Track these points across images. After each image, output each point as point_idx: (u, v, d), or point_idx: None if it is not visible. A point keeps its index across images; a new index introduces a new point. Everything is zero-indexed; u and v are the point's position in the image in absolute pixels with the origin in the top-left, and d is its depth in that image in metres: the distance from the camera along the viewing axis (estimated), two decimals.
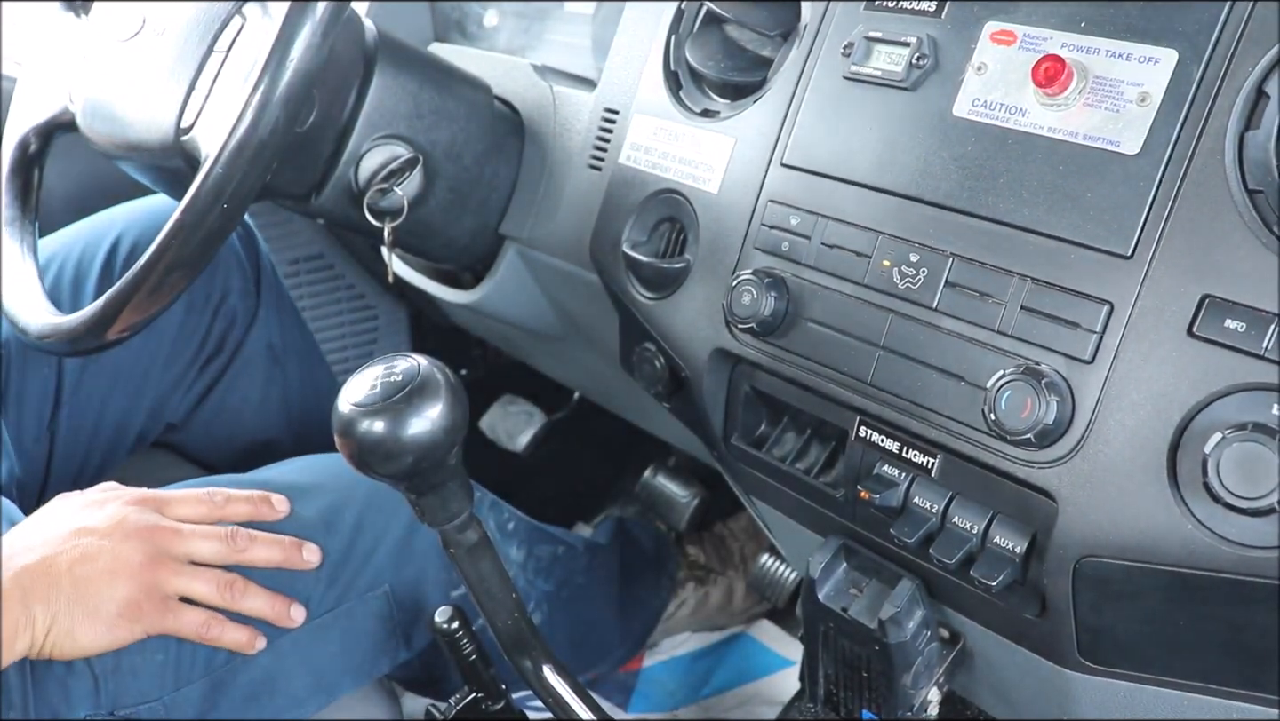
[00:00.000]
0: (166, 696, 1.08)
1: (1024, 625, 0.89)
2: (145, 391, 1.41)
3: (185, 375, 1.45)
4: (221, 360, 1.46)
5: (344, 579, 1.16)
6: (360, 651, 1.18)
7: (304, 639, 1.13)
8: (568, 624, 1.48)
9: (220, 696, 1.10)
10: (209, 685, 1.10)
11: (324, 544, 1.14)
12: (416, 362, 0.76)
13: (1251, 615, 0.76)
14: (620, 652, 1.66)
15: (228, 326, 1.46)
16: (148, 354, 1.41)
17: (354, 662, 1.18)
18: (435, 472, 0.75)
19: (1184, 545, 0.76)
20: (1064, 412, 0.80)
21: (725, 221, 1.03)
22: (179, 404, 1.46)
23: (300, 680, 1.14)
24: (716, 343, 1.02)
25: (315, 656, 1.14)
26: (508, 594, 0.84)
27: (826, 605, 0.97)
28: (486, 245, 1.32)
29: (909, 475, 0.90)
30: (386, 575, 1.18)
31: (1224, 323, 0.75)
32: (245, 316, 1.47)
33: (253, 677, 1.11)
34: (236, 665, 1.10)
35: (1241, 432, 0.73)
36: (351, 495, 1.19)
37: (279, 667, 1.12)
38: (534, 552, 1.42)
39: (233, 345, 1.46)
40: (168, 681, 1.08)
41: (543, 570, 1.43)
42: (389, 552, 1.18)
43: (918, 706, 0.99)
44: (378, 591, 1.18)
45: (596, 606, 1.55)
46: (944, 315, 0.87)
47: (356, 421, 0.73)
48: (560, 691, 0.87)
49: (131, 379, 1.40)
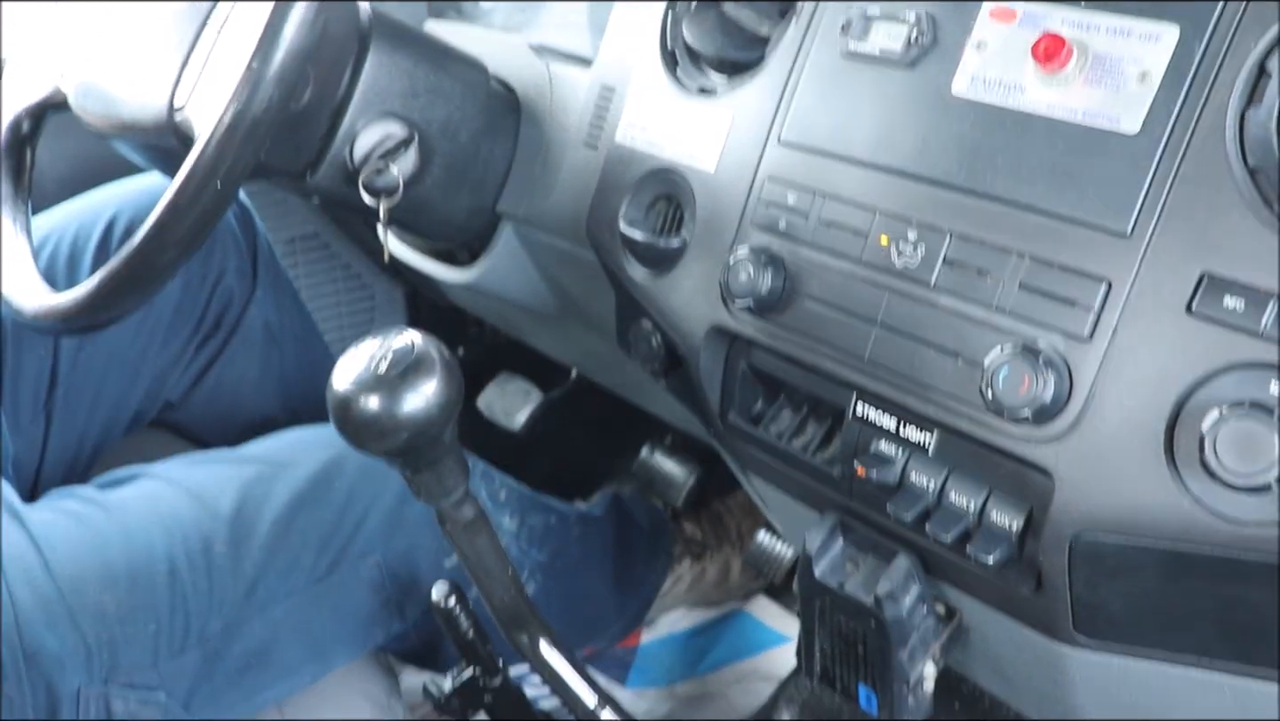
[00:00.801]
0: (161, 665, 1.09)
1: (1020, 601, 0.89)
2: (142, 370, 1.41)
3: (182, 354, 1.45)
4: (219, 339, 1.46)
5: (335, 548, 1.17)
6: (353, 621, 1.19)
7: (296, 608, 1.15)
8: (562, 594, 1.48)
9: (214, 665, 1.11)
10: (202, 655, 1.11)
11: (314, 514, 1.16)
12: (411, 338, 0.76)
13: (1247, 591, 0.77)
14: (618, 627, 1.66)
15: (224, 305, 1.46)
16: (145, 333, 1.41)
17: (347, 631, 1.18)
18: (430, 449, 0.75)
19: (1180, 522, 0.76)
20: (1061, 390, 0.80)
21: (722, 199, 1.03)
22: (176, 382, 1.46)
23: (294, 649, 1.15)
24: (713, 320, 1.02)
25: (308, 625, 1.16)
26: (504, 569, 0.84)
27: (823, 581, 0.97)
28: (483, 223, 1.32)
29: (906, 452, 0.90)
30: (378, 544, 1.19)
31: (1223, 300, 0.75)
32: (242, 295, 1.47)
33: (246, 647, 1.12)
34: (231, 635, 1.11)
35: (1239, 410, 0.73)
36: (342, 466, 1.20)
37: (272, 637, 1.14)
38: (527, 522, 1.43)
39: (230, 324, 1.47)
40: (161, 650, 1.09)
41: (536, 540, 1.44)
42: (380, 522, 1.19)
43: (913, 681, 0.99)
44: (369, 561, 1.19)
45: (592, 579, 1.55)
46: (942, 292, 0.87)
47: (351, 398, 0.73)
48: (557, 666, 0.88)
49: (128, 358, 1.40)
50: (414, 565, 1.22)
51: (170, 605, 1.10)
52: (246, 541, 1.13)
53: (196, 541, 1.13)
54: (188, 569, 1.11)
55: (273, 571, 1.14)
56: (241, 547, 1.13)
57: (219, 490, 1.17)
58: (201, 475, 1.20)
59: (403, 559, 1.21)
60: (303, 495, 1.17)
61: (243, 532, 1.14)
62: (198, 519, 1.14)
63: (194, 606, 1.11)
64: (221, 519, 1.14)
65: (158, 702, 1.09)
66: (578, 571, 1.52)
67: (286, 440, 1.25)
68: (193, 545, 1.13)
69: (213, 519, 1.14)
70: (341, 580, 1.17)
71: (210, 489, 1.17)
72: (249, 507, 1.16)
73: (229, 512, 1.15)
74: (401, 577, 1.21)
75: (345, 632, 1.19)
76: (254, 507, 1.16)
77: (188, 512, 1.14)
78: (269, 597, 1.13)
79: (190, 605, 1.11)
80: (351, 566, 1.18)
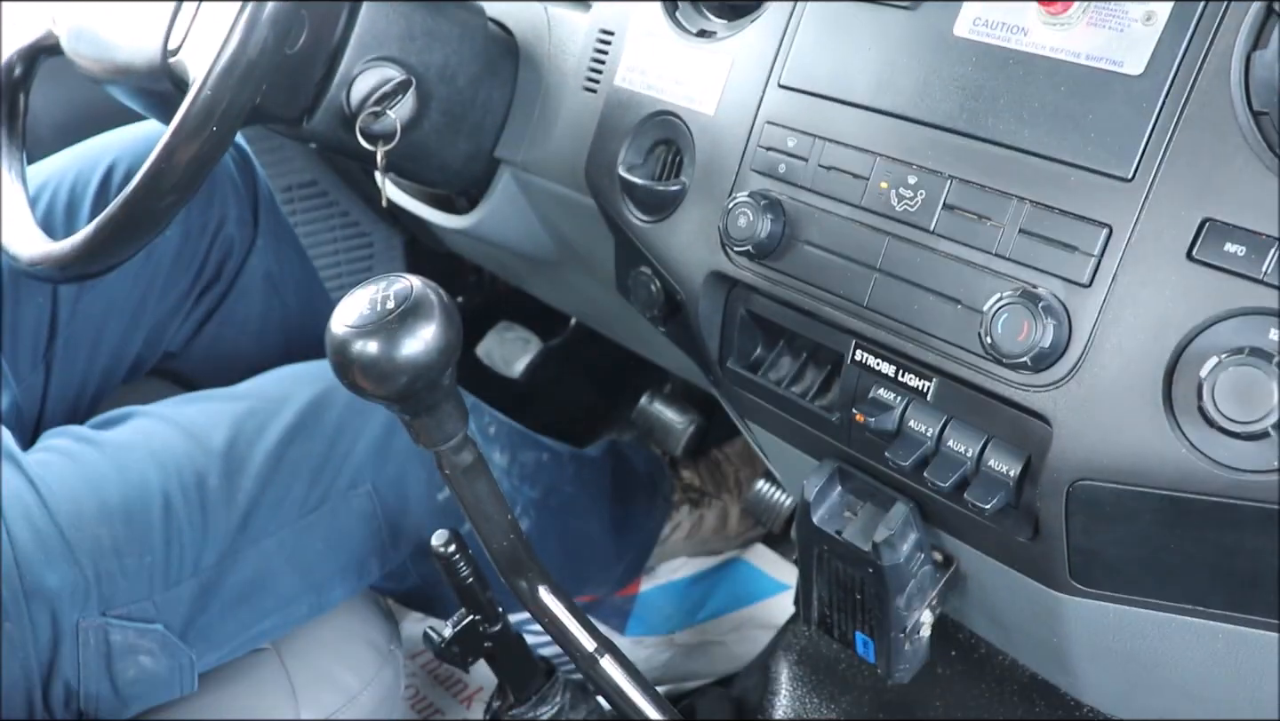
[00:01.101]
0: (157, 596, 1.11)
1: (1016, 548, 0.90)
2: (142, 320, 1.41)
3: (182, 303, 1.45)
4: (219, 288, 1.46)
5: (325, 479, 1.19)
6: (346, 550, 1.20)
7: (289, 539, 1.16)
8: (557, 533, 1.50)
9: (210, 597, 1.13)
10: (198, 586, 1.13)
11: (305, 447, 1.18)
12: (409, 283, 0.75)
13: (1242, 538, 0.77)
14: (618, 572, 1.67)
15: (225, 254, 1.46)
16: (144, 282, 1.41)
17: (341, 562, 1.20)
18: (429, 394, 0.75)
19: (1178, 469, 0.76)
20: (1060, 336, 0.80)
21: (721, 143, 1.02)
22: (176, 332, 1.46)
23: (288, 579, 1.17)
24: (712, 265, 1.02)
25: (301, 554, 1.17)
26: (503, 515, 0.84)
27: (821, 528, 0.97)
28: (481, 169, 1.31)
29: (905, 398, 0.90)
30: (368, 473, 1.21)
31: (1224, 246, 0.74)
32: (243, 244, 1.47)
33: (242, 577, 1.14)
34: (225, 566, 1.13)
35: (1238, 356, 0.72)
36: (331, 399, 1.22)
37: (267, 567, 1.16)
38: (518, 458, 1.44)
39: (230, 273, 1.47)
40: (157, 582, 1.11)
41: (528, 476, 1.45)
42: (368, 451, 1.21)
43: (910, 628, 1.00)
44: (360, 490, 1.20)
45: (588, 520, 1.56)
46: (941, 238, 0.87)
47: (350, 342, 0.73)
48: (556, 612, 0.88)
49: (127, 307, 1.40)
50: (404, 494, 1.23)
51: (165, 538, 1.11)
52: (239, 475, 1.15)
53: (190, 475, 1.14)
54: (182, 502, 1.13)
55: (265, 504, 1.16)
56: (234, 481, 1.15)
57: (211, 426, 1.18)
58: (194, 412, 1.21)
59: (393, 488, 1.22)
60: (293, 428, 1.18)
61: (235, 466, 1.16)
62: (191, 454, 1.15)
63: (188, 539, 1.12)
64: (214, 453, 1.16)
65: (155, 633, 1.11)
66: (573, 511, 1.52)
67: (277, 376, 1.26)
68: (186, 479, 1.14)
69: (205, 454, 1.16)
70: (333, 510, 1.19)
71: (203, 425, 1.18)
72: (241, 442, 1.17)
73: (221, 447, 1.16)
74: (392, 507, 1.23)
75: (339, 563, 1.20)
76: (246, 442, 1.17)
77: (181, 448, 1.16)
78: (262, 529, 1.15)
79: (184, 537, 1.12)
80: (342, 496, 1.19)
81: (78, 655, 1.08)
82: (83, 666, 1.08)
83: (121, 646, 1.09)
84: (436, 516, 1.27)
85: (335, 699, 1.25)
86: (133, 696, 1.11)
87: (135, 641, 1.10)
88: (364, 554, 1.22)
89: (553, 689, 1.23)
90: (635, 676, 0.92)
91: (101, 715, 1.10)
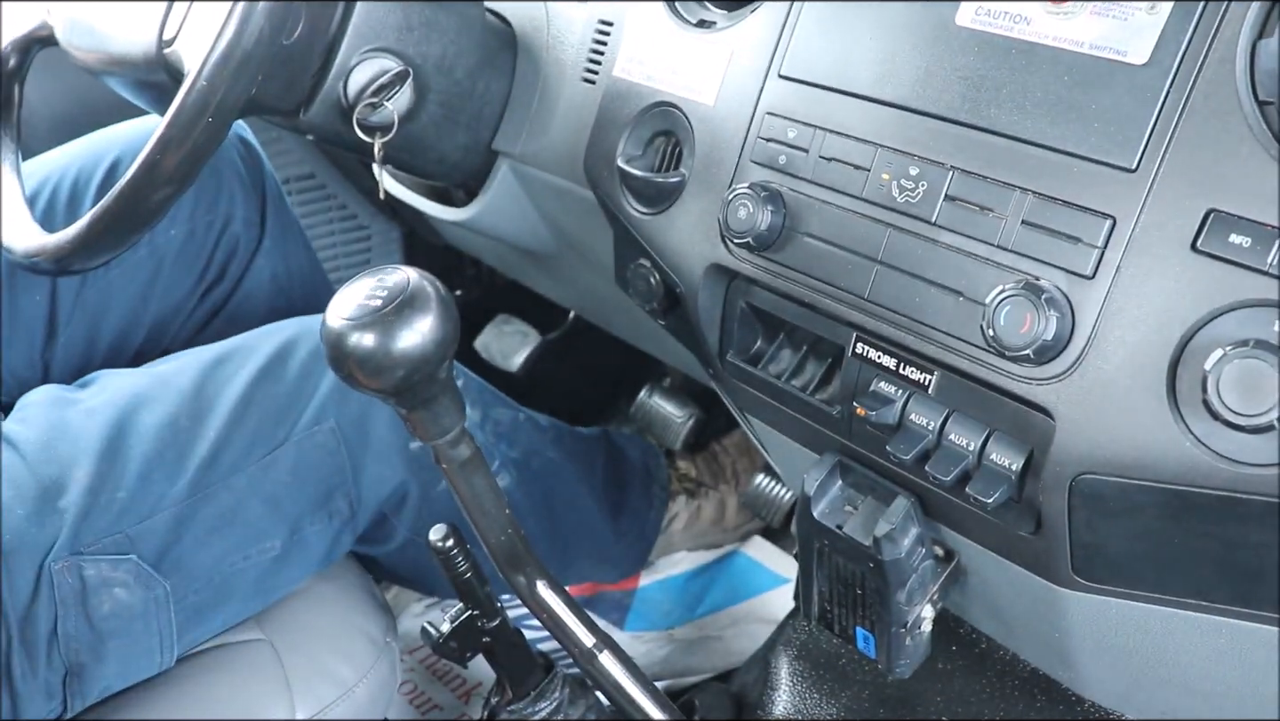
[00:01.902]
0: (130, 528, 1.13)
1: (1018, 542, 0.89)
2: (143, 318, 1.42)
3: (186, 303, 1.45)
4: (223, 289, 1.47)
5: (290, 417, 1.22)
6: (312, 482, 1.23)
7: (257, 473, 1.20)
8: (544, 497, 1.50)
9: (183, 528, 1.15)
10: (171, 517, 1.15)
11: (271, 389, 1.21)
12: (406, 275, 0.74)
13: (1246, 532, 0.76)
14: (616, 554, 1.66)
15: (230, 254, 1.46)
16: (145, 279, 1.41)
17: (308, 494, 1.23)
18: (426, 387, 0.74)
19: (1181, 462, 0.75)
20: (1063, 329, 0.79)
21: (721, 135, 1.01)
22: (178, 332, 1.46)
23: (258, 509, 1.20)
24: (712, 258, 1.01)
25: (269, 487, 1.20)
26: (501, 509, 0.84)
27: (821, 522, 0.97)
28: (479, 161, 1.30)
29: (906, 392, 0.90)
30: (330, 411, 1.24)
31: (1228, 238, 0.74)
32: (249, 244, 1.47)
33: (214, 511, 1.17)
34: (197, 500, 1.16)
35: (1243, 349, 0.72)
36: (297, 344, 1.25)
37: (238, 501, 1.19)
38: (490, 415, 1.46)
39: (236, 274, 1.47)
40: (130, 515, 1.13)
41: (504, 434, 1.46)
42: (331, 391, 1.24)
43: (911, 623, 0.99)
44: (323, 426, 1.24)
45: (577, 490, 1.56)
46: (943, 229, 0.86)
47: (345, 335, 0.72)
48: (554, 607, 0.87)
49: (129, 305, 1.40)
50: (366, 432, 1.26)
51: (138, 474, 1.14)
52: (208, 415, 1.18)
53: (162, 416, 1.17)
54: (154, 441, 1.16)
55: (234, 442, 1.19)
56: (203, 421, 1.18)
57: (181, 374, 1.22)
58: (165, 365, 1.25)
59: (355, 426, 1.25)
60: (261, 372, 1.22)
61: (204, 408, 1.19)
62: (162, 398, 1.19)
63: (160, 475, 1.15)
64: (184, 397, 1.19)
65: (129, 564, 1.13)
66: (559, 478, 1.53)
67: (245, 333, 1.29)
68: (159, 421, 1.17)
69: (176, 398, 1.19)
70: (298, 444, 1.22)
71: (173, 373, 1.22)
72: (210, 387, 1.21)
73: (191, 392, 1.20)
74: (355, 443, 1.25)
75: (306, 496, 1.23)
76: (215, 387, 1.21)
77: (152, 394, 1.19)
78: (232, 466, 1.18)
79: (156, 474, 1.15)
80: (306, 431, 1.22)
81: (54, 597, 1.09)
82: (59, 606, 1.10)
83: (96, 580, 1.11)
84: (407, 465, 1.29)
85: (330, 691, 1.25)
86: (109, 631, 1.12)
87: (109, 574, 1.12)
88: (329, 487, 1.24)
89: (551, 684, 1.23)
90: (634, 671, 0.91)
91: (82, 657, 1.12)
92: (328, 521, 1.25)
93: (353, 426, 1.25)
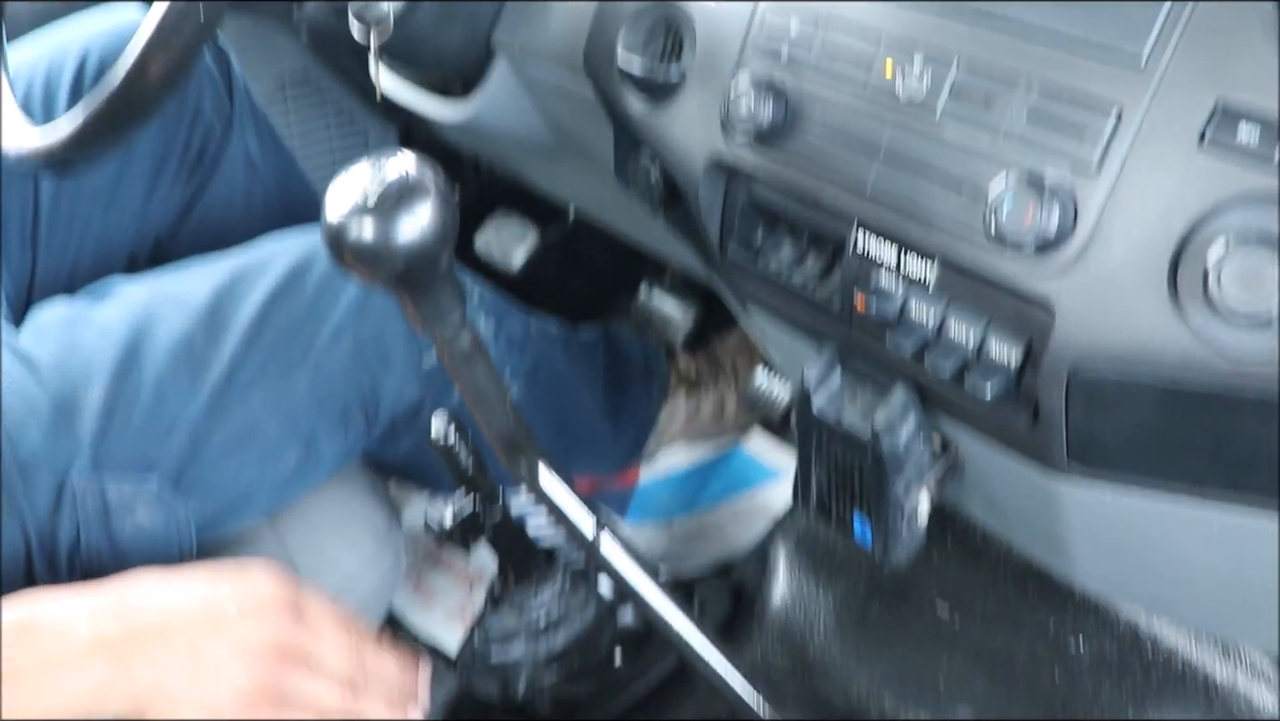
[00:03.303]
0: (149, 449, 1.14)
1: (1015, 434, 0.90)
2: (126, 203, 1.42)
3: (164, 182, 1.46)
4: (202, 172, 1.48)
5: (307, 334, 1.22)
6: (329, 398, 1.23)
7: (274, 391, 1.20)
8: (550, 405, 1.52)
9: (201, 447, 1.16)
10: (188, 438, 1.16)
11: (288, 306, 1.21)
12: (405, 163, 0.73)
13: (1242, 425, 0.77)
14: (615, 452, 1.68)
15: (204, 140, 1.47)
16: (122, 167, 1.40)
17: (325, 410, 1.23)
18: (426, 276, 0.73)
19: (1180, 356, 0.76)
20: (1066, 222, 0.79)
21: (723, 27, 1.00)
22: (162, 212, 1.47)
23: (275, 427, 1.20)
24: (713, 152, 1.00)
25: (286, 404, 1.20)
26: (502, 397, 0.84)
27: (820, 414, 0.98)
28: (477, 55, 1.28)
29: (906, 285, 0.90)
30: (349, 329, 1.24)
31: (1236, 130, 0.73)
32: (221, 129, 1.48)
33: (230, 429, 1.18)
34: (214, 419, 1.16)
35: (1246, 243, 0.71)
36: (313, 261, 1.24)
37: (254, 418, 1.19)
38: (504, 327, 1.46)
39: (211, 157, 1.48)
40: (148, 435, 1.14)
41: (516, 345, 1.47)
42: (349, 308, 1.24)
43: (908, 513, 1.01)
44: (341, 344, 1.23)
45: (581, 397, 1.58)
46: (947, 121, 0.85)
47: (344, 224, 0.71)
48: (555, 493, 0.88)
49: (105, 187, 1.41)
50: (385, 349, 1.26)
51: (154, 394, 1.14)
52: (223, 333, 1.18)
53: (177, 336, 1.17)
54: (169, 360, 1.15)
55: (250, 360, 1.19)
56: (219, 339, 1.18)
57: (196, 290, 1.21)
58: (179, 279, 1.24)
59: (373, 344, 1.25)
60: (276, 290, 1.21)
61: (220, 326, 1.18)
62: (176, 317, 1.18)
63: (175, 394, 1.15)
64: (199, 315, 1.18)
65: (150, 486, 1.13)
66: (565, 386, 1.54)
67: (259, 243, 1.28)
68: (174, 340, 1.16)
69: (191, 317, 1.18)
70: (315, 362, 1.22)
71: (187, 290, 1.21)
72: (225, 304, 1.20)
73: (206, 311, 1.19)
74: (372, 360, 1.25)
75: (323, 412, 1.23)
76: (231, 305, 1.20)
77: (166, 312, 1.18)
78: (248, 383, 1.18)
79: (172, 393, 1.15)
80: (324, 349, 1.22)
81: (76, 516, 1.11)
82: (82, 526, 1.11)
83: (118, 503, 1.12)
84: (422, 382, 1.30)
85: (336, 580, 1.27)
86: (131, 551, 1.14)
87: (131, 497, 1.13)
88: (347, 404, 1.25)
89: (553, 571, 1.25)
90: (635, 556, 0.93)
91: (105, 572, 1.13)
92: (344, 436, 1.26)
93: (370, 344, 1.25)
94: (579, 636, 1.29)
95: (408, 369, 1.28)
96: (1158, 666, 1.27)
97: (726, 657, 0.96)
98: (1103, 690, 1.27)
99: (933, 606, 1.38)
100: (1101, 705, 1.26)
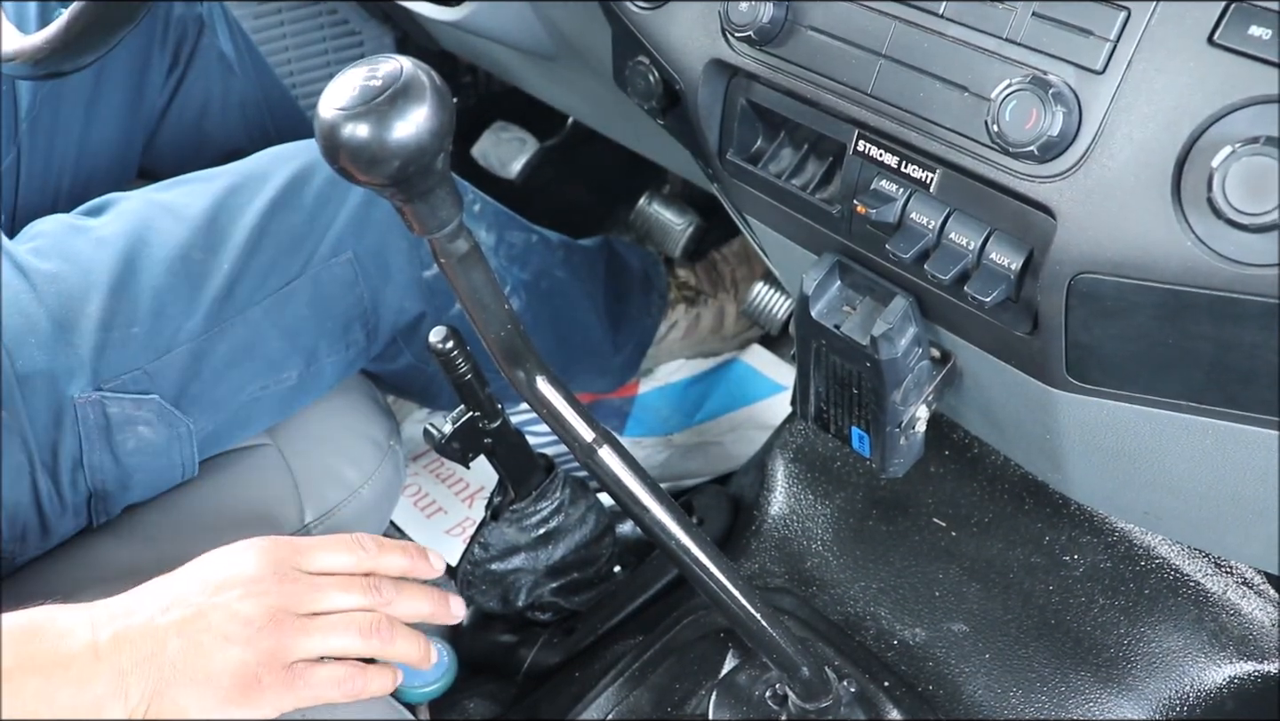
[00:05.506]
0: (149, 365, 1.13)
1: (1014, 343, 0.89)
2: (103, 99, 1.41)
3: (143, 86, 1.45)
4: (179, 71, 1.48)
5: (307, 248, 1.21)
6: (330, 314, 1.23)
7: (274, 306, 1.19)
8: (550, 317, 1.52)
9: (201, 363, 1.16)
10: (188, 353, 1.15)
11: (286, 219, 1.20)
12: (399, 63, 0.72)
13: (1242, 334, 0.76)
14: (615, 365, 1.68)
15: (179, 39, 1.47)
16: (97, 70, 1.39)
17: (325, 325, 1.23)
18: (422, 179, 0.72)
19: (1181, 262, 0.75)
20: (1070, 125, 0.78)
21: None
22: (144, 118, 1.47)
23: (276, 343, 1.20)
24: (712, 53, 0.98)
25: (286, 319, 1.20)
26: (500, 304, 0.83)
27: (819, 322, 0.97)
28: None
29: (907, 190, 0.88)
30: (348, 242, 1.23)
31: (1248, 29, 0.71)
32: (194, 28, 1.48)
33: (230, 344, 1.17)
34: (213, 334, 1.16)
35: (1252, 146, 0.70)
36: (312, 173, 1.23)
37: (254, 333, 1.19)
38: (505, 238, 1.46)
39: (186, 56, 1.48)
40: (148, 351, 1.13)
41: (516, 257, 1.46)
42: (348, 222, 1.23)
43: (906, 423, 1.00)
44: (341, 258, 1.23)
45: (581, 309, 1.58)
46: (950, 21, 0.83)
47: (338, 125, 0.70)
48: (554, 402, 0.88)
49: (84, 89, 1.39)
50: (385, 263, 1.25)
51: (153, 309, 1.13)
52: (221, 248, 1.17)
53: (175, 249, 1.16)
54: (166, 275, 1.14)
55: (249, 274, 1.18)
56: (217, 254, 1.17)
57: (193, 203, 1.19)
58: (177, 193, 1.22)
59: (373, 257, 1.24)
60: (274, 203, 1.20)
61: (217, 240, 1.17)
62: (174, 230, 1.17)
63: (175, 309, 1.14)
64: (197, 229, 1.17)
65: (151, 402, 1.13)
66: (565, 298, 1.54)
67: (256, 157, 1.27)
68: (171, 253, 1.15)
69: (189, 229, 1.17)
70: (315, 276, 1.21)
71: (184, 203, 1.19)
72: (223, 217, 1.19)
73: (203, 223, 1.18)
74: (373, 274, 1.25)
75: (323, 327, 1.23)
76: (228, 217, 1.19)
77: (164, 225, 1.17)
78: (247, 298, 1.17)
79: (171, 308, 1.14)
80: (324, 263, 1.22)
81: (78, 430, 1.10)
82: (84, 440, 1.11)
83: (119, 418, 1.12)
84: (423, 294, 1.29)
85: (337, 493, 1.28)
86: (134, 467, 1.14)
87: (132, 412, 1.12)
88: (348, 319, 1.24)
89: (553, 484, 1.25)
90: (634, 466, 0.93)
91: (108, 486, 1.14)
92: (344, 351, 1.26)
93: (371, 258, 1.24)
94: (578, 548, 1.30)
95: (409, 282, 1.27)
96: (1150, 578, 1.28)
97: (725, 570, 0.96)
98: (1096, 601, 1.28)
99: (929, 520, 1.38)
100: (1094, 616, 1.27)
